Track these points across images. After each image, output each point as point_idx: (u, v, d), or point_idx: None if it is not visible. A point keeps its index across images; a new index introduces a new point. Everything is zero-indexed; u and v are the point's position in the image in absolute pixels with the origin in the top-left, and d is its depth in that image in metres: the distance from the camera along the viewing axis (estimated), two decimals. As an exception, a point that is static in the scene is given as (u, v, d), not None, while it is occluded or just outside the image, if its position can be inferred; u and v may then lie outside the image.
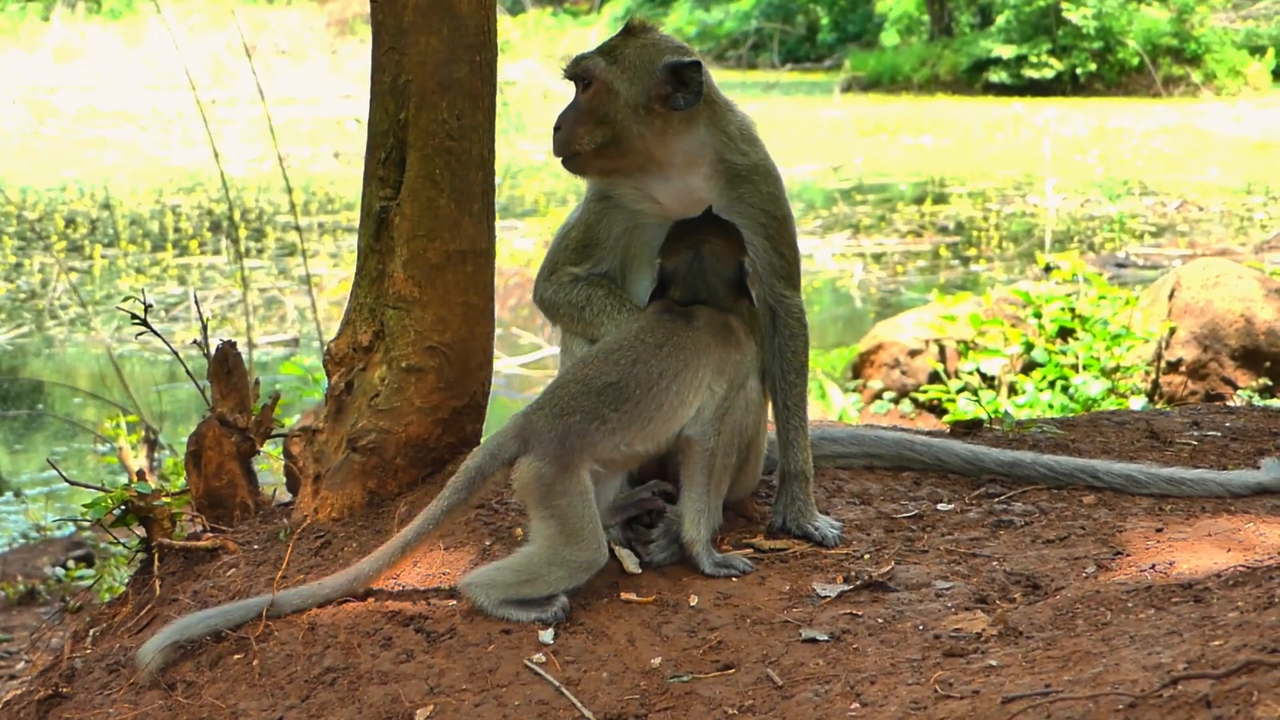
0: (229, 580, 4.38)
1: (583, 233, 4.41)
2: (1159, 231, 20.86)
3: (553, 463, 3.91)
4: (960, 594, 3.87)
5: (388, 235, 4.55)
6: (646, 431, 4.01)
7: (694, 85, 4.25)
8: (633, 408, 3.99)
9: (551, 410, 3.98)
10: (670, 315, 4.17)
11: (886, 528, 4.36)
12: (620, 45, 4.30)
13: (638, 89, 4.24)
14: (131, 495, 4.68)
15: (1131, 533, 4.19)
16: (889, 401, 11.74)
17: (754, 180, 4.33)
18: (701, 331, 4.12)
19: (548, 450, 3.92)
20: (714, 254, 4.18)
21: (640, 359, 4.04)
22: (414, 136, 4.51)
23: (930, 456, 4.83)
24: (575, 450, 3.93)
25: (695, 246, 4.18)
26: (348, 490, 4.56)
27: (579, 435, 3.95)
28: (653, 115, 4.25)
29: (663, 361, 4.05)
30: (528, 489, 3.94)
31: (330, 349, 4.66)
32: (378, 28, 4.57)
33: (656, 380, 4.02)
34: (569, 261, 4.41)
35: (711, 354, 4.10)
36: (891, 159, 29.49)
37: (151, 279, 17.87)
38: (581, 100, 4.27)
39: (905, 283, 17.75)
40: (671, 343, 4.08)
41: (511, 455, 3.98)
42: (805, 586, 3.97)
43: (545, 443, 3.93)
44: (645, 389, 4.00)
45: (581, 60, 4.30)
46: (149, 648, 4.01)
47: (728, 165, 4.32)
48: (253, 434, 4.85)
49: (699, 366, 4.07)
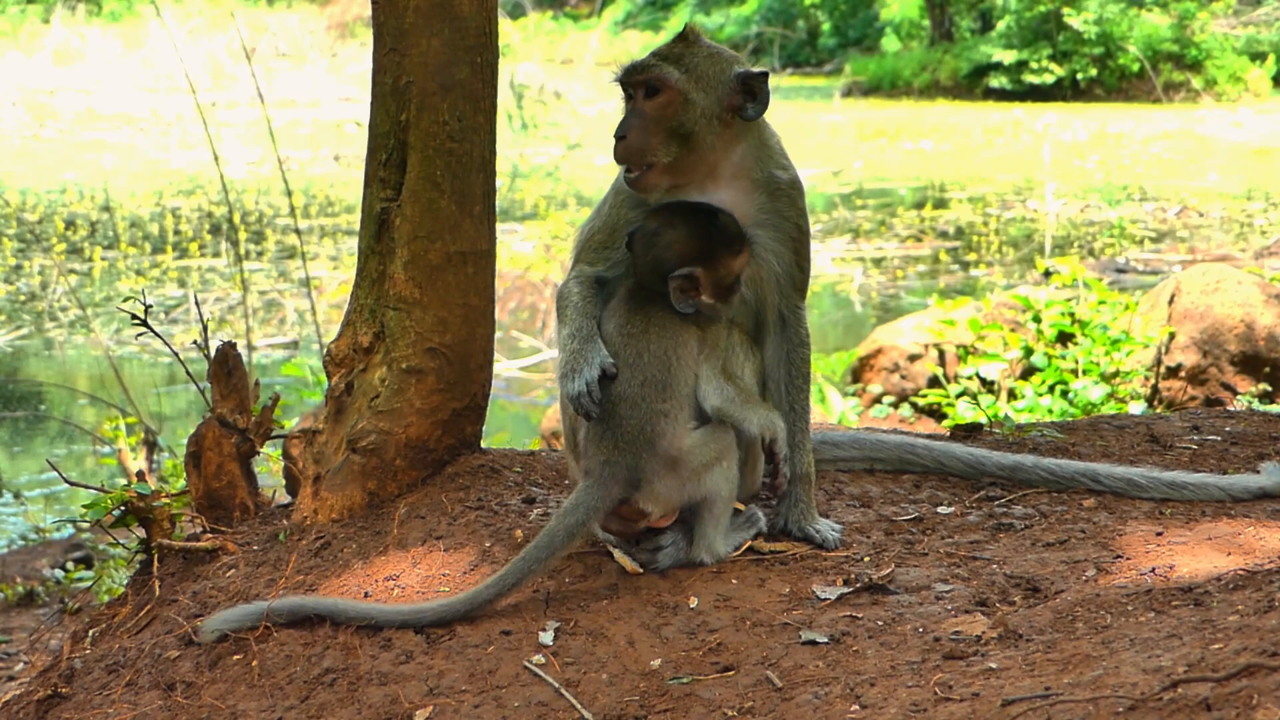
0: (229, 581, 4.38)
1: (607, 235, 4.31)
2: (1159, 237, 20.87)
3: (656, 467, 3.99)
4: (960, 597, 3.87)
5: (388, 236, 4.55)
6: (691, 403, 4.05)
7: (763, 96, 4.22)
8: (674, 387, 4.02)
9: (617, 439, 4.01)
10: (633, 302, 4.14)
11: (887, 530, 4.36)
12: (685, 53, 4.19)
13: (711, 98, 4.17)
14: (131, 496, 4.68)
15: (1131, 536, 4.19)
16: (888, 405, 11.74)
17: (791, 195, 4.32)
18: (670, 313, 4.10)
19: (646, 465, 3.98)
20: (670, 242, 4.09)
21: (642, 350, 4.05)
22: (415, 138, 4.51)
23: (932, 460, 4.83)
24: (664, 447, 3.99)
25: (662, 223, 4.12)
26: (347, 491, 4.56)
27: (657, 436, 4.00)
28: (723, 126, 4.20)
29: (657, 341, 4.06)
30: (668, 501, 4.03)
31: (330, 350, 4.66)
32: (379, 29, 4.57)
33: (667, 357, 4.04)
34: (587, 260, 4.33)
35: (689, 326, 4.09)
36: (892, 164, 29.49)
37: (151, 281, 17.87)
38: (648, 109, 4.14)
39: (905, 287, 17.76)
40: (653, 325, 4.07)
41: (616, 499, 4.01)
42: (805, 589, 3.97)
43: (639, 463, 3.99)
44: (669, 369, 4.02)
45: (650, 66, 4.16)
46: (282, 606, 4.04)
47: (770, 179, 4.29)
48: (252, 435, 4.85)
49: (686, 339, 4.07)
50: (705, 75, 4.17)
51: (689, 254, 4.07)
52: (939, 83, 44.50)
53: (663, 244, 4.09)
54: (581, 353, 4.04)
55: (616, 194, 4.34)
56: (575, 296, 4.22)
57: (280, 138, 11.42)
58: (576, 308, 4.19)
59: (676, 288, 4.07)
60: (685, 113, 4.15)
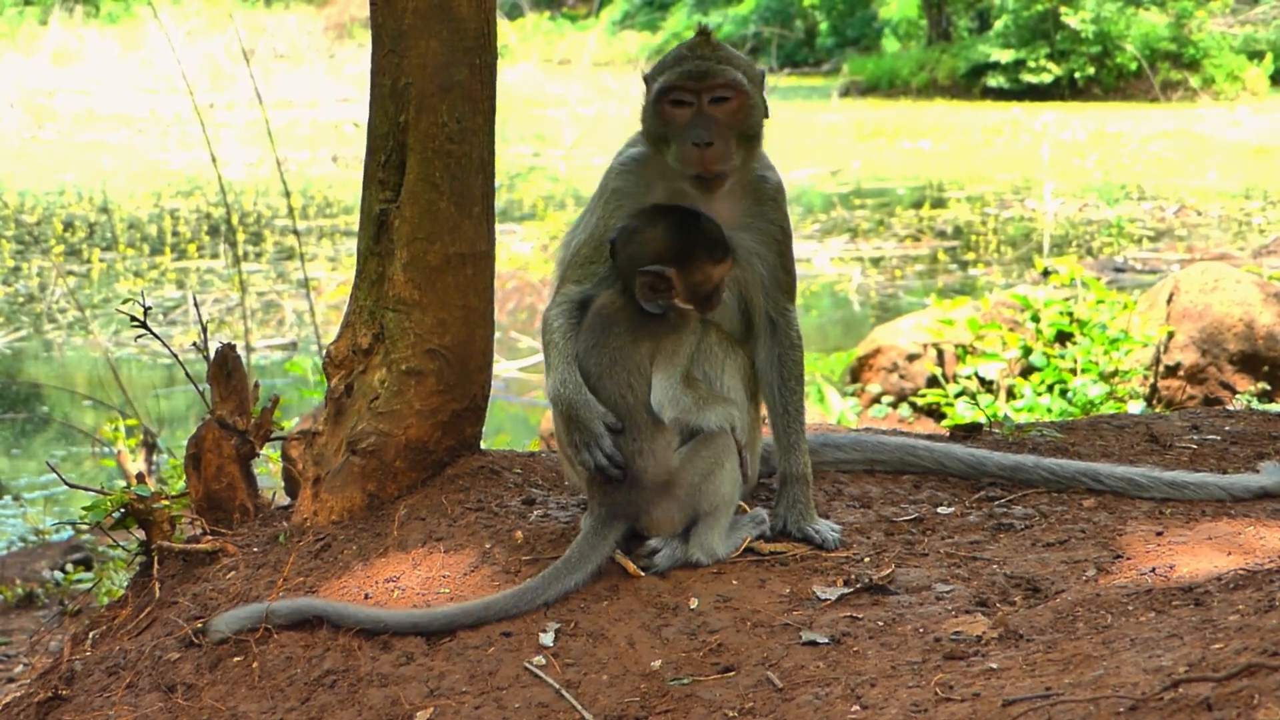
0: (229, 583, 4.38)
1: (594, 249, 4.28)
2: (1157, 236, 20.87)
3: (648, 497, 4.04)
4: (960, 597, 3.87)
5: (387, 238, 4.55)
6: (655, 442, 4.06)
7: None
8: (636, 422, 4.04)
9: (599, 481, 4.08)
10: (598, 330, 4.13)
11: (887, 531, 4.36)
12: (728, 54, 4.17)
13: (760, 100, 4.21)
14: (131, 498, 4.68)
15: (1131, 536, 4.19)
16: (887, 405, 11.74)
17: (777, 199, 4.34)
18: (625, 337, 4.10)
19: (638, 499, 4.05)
20: (645, 239, 4.08)
21: (604, 391, 4.08)
22: (414, 139, 4.51)
23: (932, 461, 4.83)
24: (649, 480, 4.05)
25: (642, 222, 4.12)
26: (347, 493, 4.56)
27: (639, 473, 4.04)
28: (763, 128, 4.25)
29: (613, 379, 4.08)
30: (671, 523, 4.09)
31: (330, 352, 4.66)
32: (377, 30, 4.56)
33: (624, 397, 4.06)
34: (574, 278, 4.30)
35: (642, 345, 4.09)
36: (890, 163, 29.49)
37: (150, 283, 17.87)
38: (720, 114, 4.10)
39: (903, 287, 17.76)
40: (608, 362, 4.09)
41: (623, 530, 4.07)
42: (805, 589, 3.97)
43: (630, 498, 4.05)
44: (627, 407, 4.05)
45: (723, 71, 4.11)
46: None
47: (758, 182, 4.30)
48: (252, 437, 4.85)
49: (639, 362, 4.07)
50: (753, 77, 4.20)
51: (664, 252, 4.05)
52: (937, 82, 44.50)
53: (640, 240, 4.09)
54: (579, 420, 4.05)
55: (605, 203, 4.32)
56: (558, 335, 4.20)
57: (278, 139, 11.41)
58: (560, 351, 4.17)
59: (645, 284, 4.05)
60: (752, 116, 4.17)
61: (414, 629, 3.92)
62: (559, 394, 4.10)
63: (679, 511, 4.07)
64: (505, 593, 3.95)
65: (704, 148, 4.08)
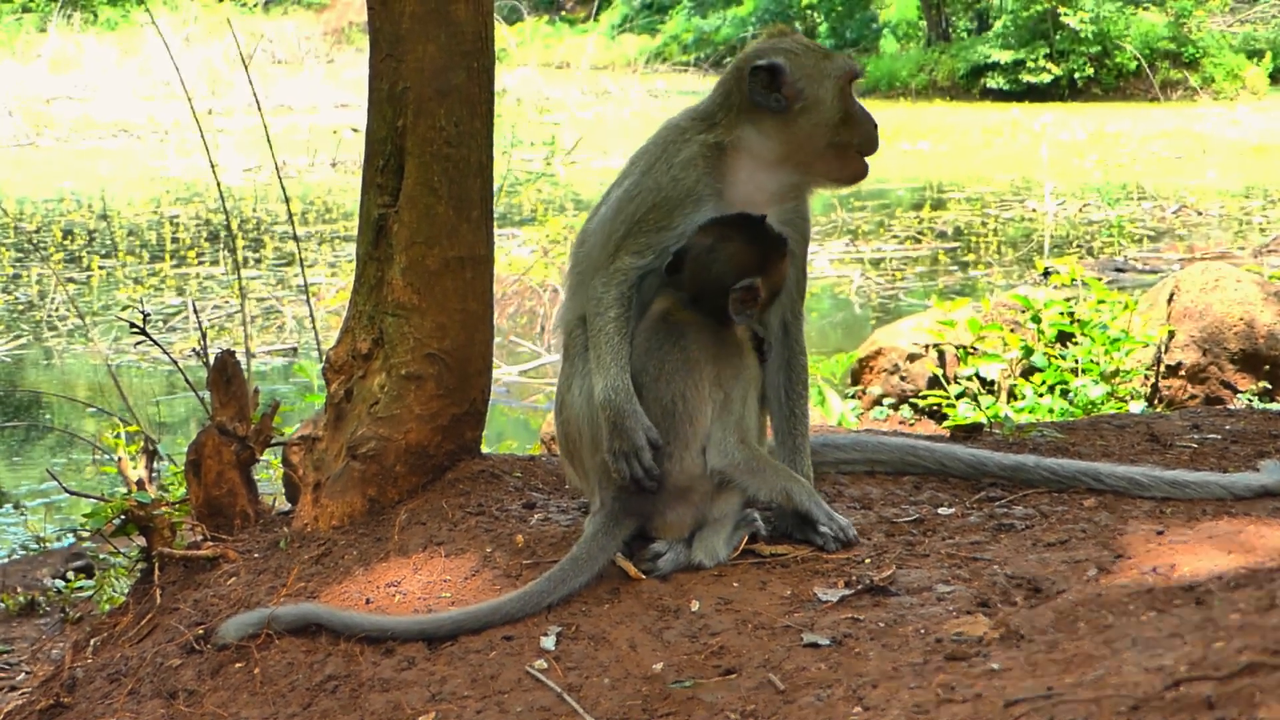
0: (230, 589, 4.38)
1: (659, 215, 4.16)
2: (1157, 235, 20.86)
3: (667, 501, 4.07)
4: (962, 597, 3.87)
5: (386, 242, 4.55)
6: (700, 438, 4.07)
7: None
8: (677, 430, 4.06)
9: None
10: (660, 336, 4.14)
11: (887, 532, 4.36)
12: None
13: None
14: (131, 505, 4.68)
15: (1132, 536, 4.19)
16: (888, 407, 11.73)
17: (808, 198, 4.39)
18: (689, 349, 4.11)
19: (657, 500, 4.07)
20: (730, 254, 4.09)
21: (652, 396, 4.08)
22: (412, 144, 4.52)
23: (933, 461, 4.84)
24: (672, 484, 4.07)
25: (718, 237, 4.12)
26: (348, 498, 4.56)
27: (664, 475, 4.06)
28: None
29: (668, 386, 4.08)
30: (680, 527, 4.11)
31: (329, 357, 4.66)
32: (375, 35, 4.57)
33: (674, 404, 4.06)
34: (634, 249, 4.16)
35: (704, 369, 4.10)
36: (889, 165, 29.47)
37: (149, 289, 17.86)
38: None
39: (904, 288, 17.75)
40: (665, 371, 4.10)
41: (631, 529, 4.09)
42: (807, 591, 3.97)
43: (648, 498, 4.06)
44: (674, 415, 4.06)
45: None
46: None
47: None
48: (252, 442, 4.86)
49: (699, 380, 4.08)
50: None
51: (751, 265, 4.09)
52: (936, 83, 44.51)
53: (723, 258, 4.09)
54: (625, 430, 4.03)
55: (684, 166, 4.19)
56: (611, 327, 4.13)
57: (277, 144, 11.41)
58: (614, 350, 4.11)
59: (738, 299, 4.09)
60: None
61: (420, 635, 3.92)
62: (609, 400, 4.06)
63: (691, 516, 4.09)
64: (512, 594, 3.96)
65: (875, 128, 4.31)
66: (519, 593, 3.95)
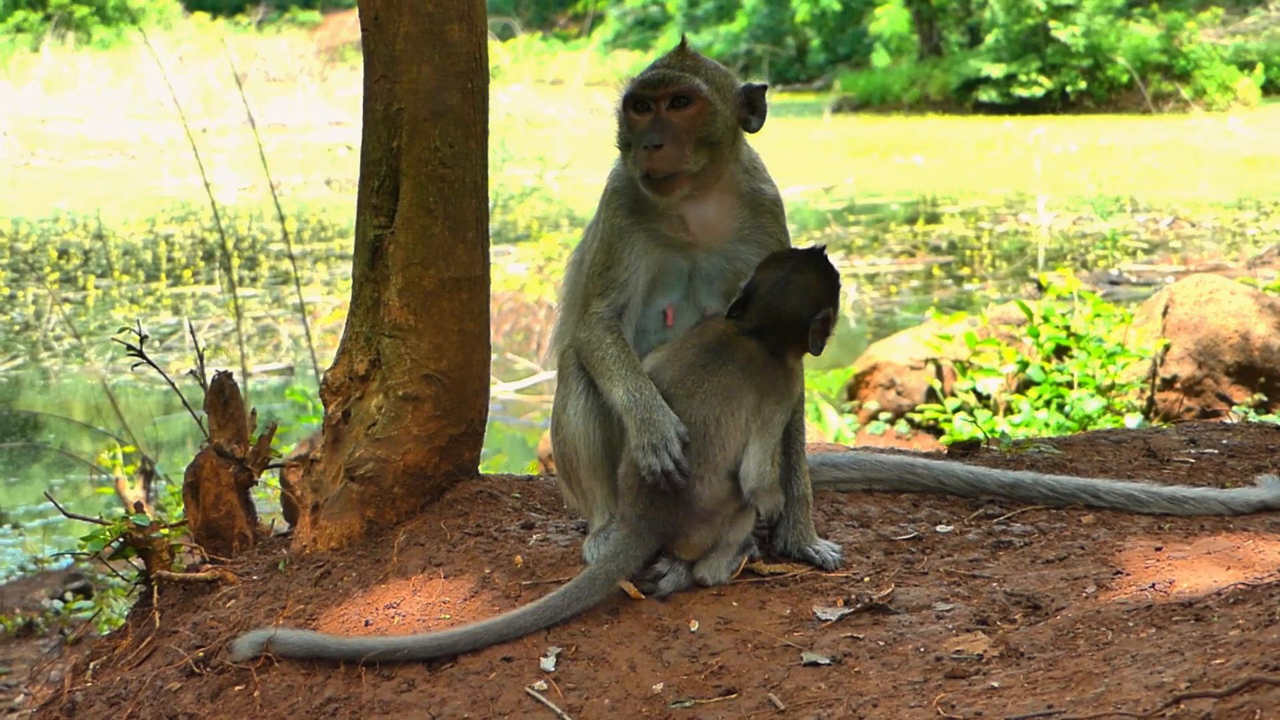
0: (229, 611, 4.37)
1: (605, 255, 4.30)
2: (1151, 248, 20.90)
3: (693, 522, 4.03)
4: (961, 615, 3.87)
5: (382, 264, 4.55)
6: (730, 462, 4.06)
7: (762, 109, 4.31)
8: (709, 453, 4.05)
9: (653, 497, 4.04)
10: (707, 355, 4.15)
11: (886, 550, 4.36)
12: (699, 65, 4.25)
13: (729, 110, 4.24)
14: (129, 527, 4.67)
15: (1131, 552, 4.19)
16: (885, 422, 11.74)
17: (774, 212, 4.38)
18: (735, 375, 4.11)
19: (684, 522, 4.04)
20: (804, 286, 4.16)
21: (684, 413, 4.06)
22: (407, 164, 4.52)
23: (932, 479, 4.83)
24: (701, 507, 4.04)
25: (790, 271, 4.17)
26: (346, 520, 4.56)
27: (694, 498, 4.03)
28: (734, 138, 4.28)
29: (703, 405, 4.07)
30: (701, 547, 4.08)
31: (327, 378, 4.66)
32: (369, 56, 4.58)
33: (707, 424, 4.06)
34: (597, 292, 4.29)
35: (746, 397, 4.10)
36: (883, 179, 29.53)
37: (145, 309, 17.87)
38: (677, 120, 4.16)
39: (899, 303, 17.78)
40: (703, 390, 4.09)
41: (653, 549, 4.06)
42: (806, 610, 3.97)
43: (676, 519, 4.04)
44: (707, 436, 4.05)
45: (680, 78, 4.18)
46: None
47: (755, 194, 4.35)
48: (250, 464, 4.85)
49: (738, 405, 4.08)
50: (722, 87, 4.25)
51: (825, 296, 4.18)
52: (929, 97, 44.62)
53: (798, 291, 4.16)
54: (654, 423, 4.04)
55: (608, 204, 4.34)
56: (611, 347, 4.19)
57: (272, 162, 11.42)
58: (621, 361, 4.17)
59: (818, 330, 4.17)
60: (713, 123, 4.20)
61: (439, 651, 3.90)
62: (634, 399, 4.08)
63: (711, 537, 4.08)
64: (526, 607, 3.94)
65: (653, 150, 4.14)
66: (532, 607, 3.94)
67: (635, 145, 4.20)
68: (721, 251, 4.31)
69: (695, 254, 4.31)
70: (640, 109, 4.21)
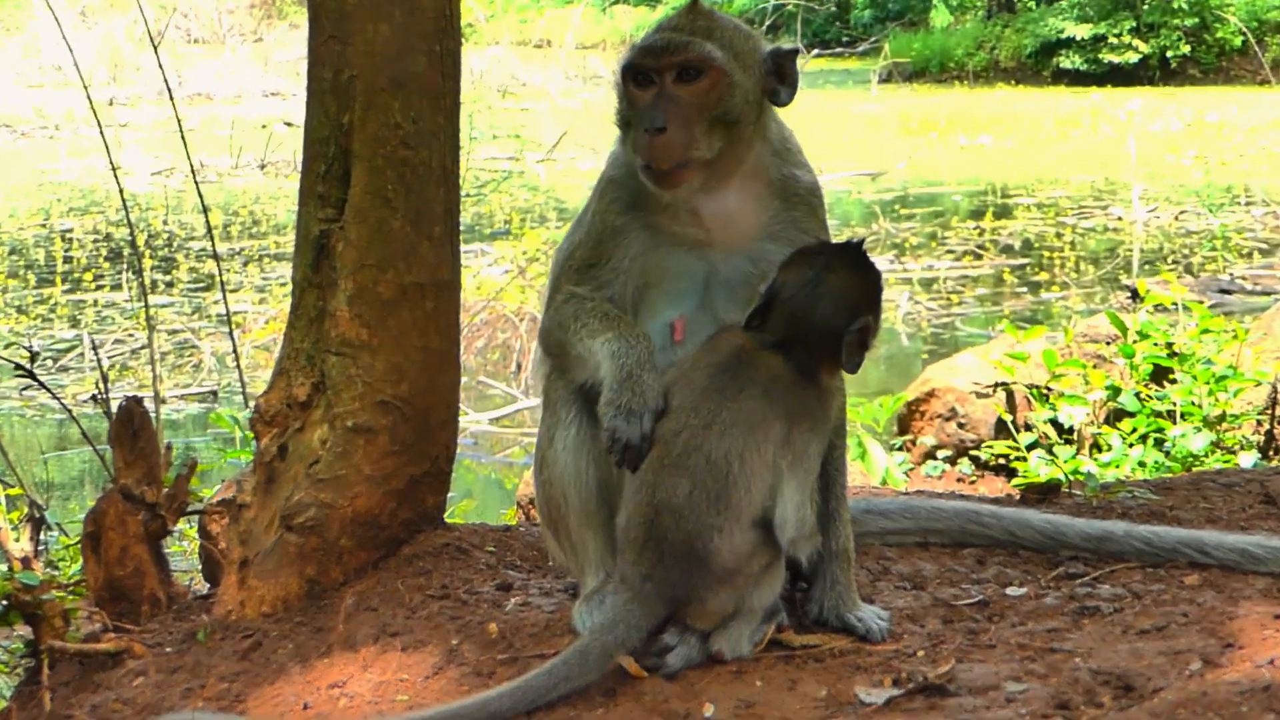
0: (136, 691, 4.38)
1: (591, 250, 4.30)
2: (1270, 249, 20.92)
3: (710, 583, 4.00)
4: (1036, 698, 3.87)
5: (329, 265, 4.57)
6: (753, 508, 4.03)
7: (793, 78, 4.27)
8: (728, 497, 4.01)
9: (662, 552, 4.01)
10: (722, 377, 4.11)
11: (944, 617, 4.36)
12: (713, 27, 4.19)
13: (751, 81, 4.20)
14: (15, 588, 4.67)
15: (1245, 620, 4.19)
16: (944, 461, 11.73)
17: (811, 203, 4.35)
18: (757, 400, 4.08)
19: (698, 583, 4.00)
20: (838, 289, 4.12)
21: (698, 448, 4.02)
22: (360, 144, 4.53)
23: (1001, 530, 4.83)
24: (719, 564, 3.99)
25: (821, 270, 4.13)
26: (281, 578, 4.56)
27: (711, 554, 3.99)
28: (759, 114, 4.24)
29: (721, 439, 4.03)
30: (720, 615, 4.05)
31: (259, 405, 4.67)
32: (316, 11, 4.59)
33: (728, 461, 4.02)
34: (572, 283, 4.29)
35: (772, 428, 4.07)
36: (943, 164, 29.60)
37: (36, 320, 17.90)
38: (686, 95, 4.12)
39: (961, 315, 17.80)
40: (721, 420, 4.05)
41: (661, 616, 4.02)
42: (846, 691, 3.97)
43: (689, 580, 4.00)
44: (725, 476, 4.01)
45: (689, 44, 4.12)
46: None
47: (787, 181, 4.32)
48: (164, 510, 4.86)
49: (763, 439, 4.05)
50: (742, 53, 4.20)
51: (863, 301, 4.16)
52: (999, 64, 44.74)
53: (830, 293, 4.12)
54: (639, 382, 4.03)
55: (601, 196, 4.33)
56: (597, 305, 4.19)
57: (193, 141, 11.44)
58: (610, 319, 4.15)
59: (854, 343, 4.15)
60: (731, 98, 4.16)
61: None
62: (624, 348, 4.06)
63: (731, 603, 4.05)
64: (504, 687, 3.92)
65: (655, 134, 4.09)
66: (509, 687, 3.92)
67: (635, 127, 4.17)
68: (745, 252, 4.29)
69: (712, 255, 4.28)
70: (642, 82, 4.17)
